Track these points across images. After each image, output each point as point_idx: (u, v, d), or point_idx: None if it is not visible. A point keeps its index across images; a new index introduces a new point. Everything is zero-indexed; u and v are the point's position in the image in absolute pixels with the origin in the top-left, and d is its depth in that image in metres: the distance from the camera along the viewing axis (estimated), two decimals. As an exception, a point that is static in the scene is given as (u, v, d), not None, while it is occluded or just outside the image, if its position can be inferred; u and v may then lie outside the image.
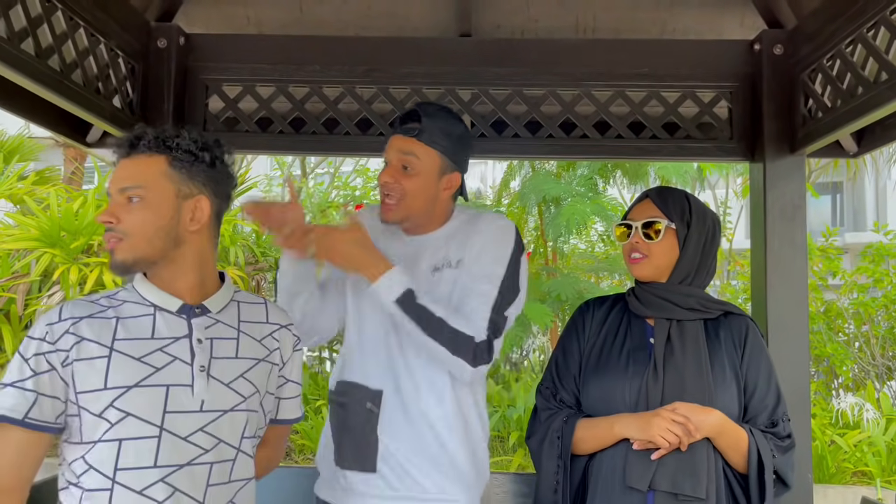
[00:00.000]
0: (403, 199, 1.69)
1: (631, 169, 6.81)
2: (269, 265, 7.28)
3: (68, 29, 1.88)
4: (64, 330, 1.30)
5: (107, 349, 1.30)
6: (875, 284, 7.59)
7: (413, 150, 1.69)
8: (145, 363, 1.31)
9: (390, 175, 1.69)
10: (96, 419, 1.27)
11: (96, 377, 1.28)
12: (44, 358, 1.28)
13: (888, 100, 1.79)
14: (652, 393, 1.70)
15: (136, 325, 1.34)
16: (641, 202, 1.83)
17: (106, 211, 1.36)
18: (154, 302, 1.37)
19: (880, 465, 5.60)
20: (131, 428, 1.28)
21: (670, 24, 2.55)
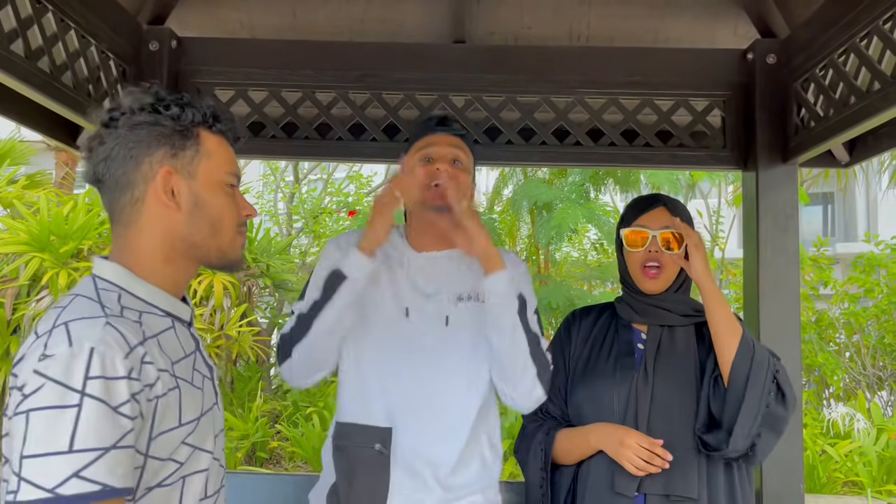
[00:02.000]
0: (456, 186, 1.63)
1: (622, 176, 6.83)
2: (261, 271, 7.25)
3: (59, 31, 1.86)
4: (140, 359, 1.01)
5: (173, 378, 1.08)
6: (866, 294, 7.62)
7: (461, 147, 1.70)
8: (196, 387, 1.14)
9: (447, 164, 1.65)
10: (161, 463, 1.04)
11: (172, 414, 1.05)
12: (136, 401, 0.98)
13: (881, 109, 1.79)
14: (641, 398, 1.70)
15: (168, 342, 1.11)
16: (654, 208, 1.79)
17: (250, 206, 1.24)
18: (169, 311, 1.15)
19: (871, 475, 5.61)
20: (194, 462, 1.11)
21: (664, 32, 2.55)
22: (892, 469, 5.69)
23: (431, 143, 1.69)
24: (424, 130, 1.73)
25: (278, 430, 6.83)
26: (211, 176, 1.15)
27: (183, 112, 1.13)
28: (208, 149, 1.15)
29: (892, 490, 5.59)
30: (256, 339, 6.96)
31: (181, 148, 1.13)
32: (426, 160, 1.67)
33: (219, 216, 1.16)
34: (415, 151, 1.70)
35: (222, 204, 1.16)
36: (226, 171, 1.17)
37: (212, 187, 1.15)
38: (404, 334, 1.65)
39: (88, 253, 5.99)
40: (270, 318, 8.22)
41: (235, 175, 1.20)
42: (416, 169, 1.67)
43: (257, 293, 7.57)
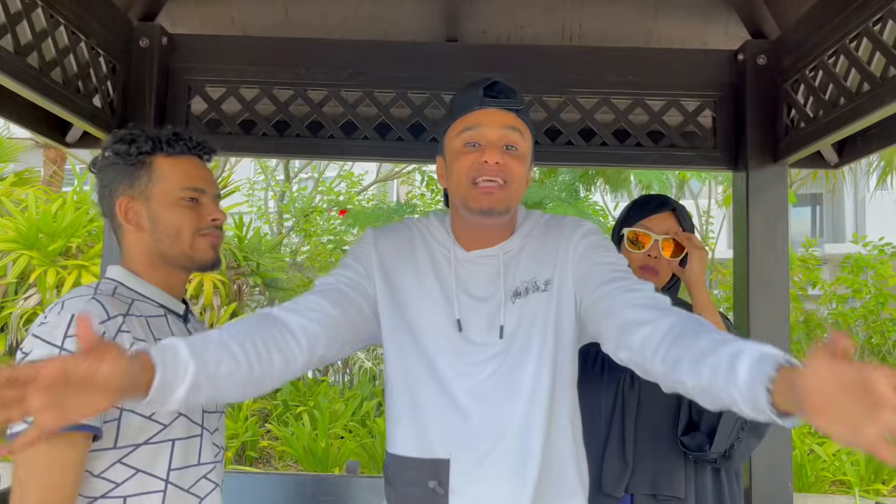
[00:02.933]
0: (510, 183, 1.33)
1: (612, 176, 6.85)
2: (251, 269, 7.22)
3: (48, 26, 1.85)
4: (118, 328, 1.24)
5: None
6: (854, 295, 7.68)
7: (518, 127, 1.36)
8: None
9: (497, 153, 1.31)
10: (144, 421, 1.25)
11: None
12: None
13: (870, 110, 1.80)
14: (628, 401, 1.71)
15: (158, 326, 1.33)
16: (662, 212, 1.77)
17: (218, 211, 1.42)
18: (162, 303, 1.38)
19: (859, 474, 5.65)
20: (182, 428, 1.30)
21: (656, 33, 2.56)
22: (879, 468, 5.73)
23: (477, 123, 1.35)
24: (469, 102, 1.37)
25: (268, 430, 6.82)
26: (166, 196, 1.36)
27: (131, 147, 1.36)
28: (161, 173, 1.37)
29: (879, 489, 5.63)
30: (246, 338, 6.93)
31: (136, 178, 1.37)
32: (471, 145, 1.34)
33: (175, 228, 1.36)
34: (456, 133, 1.37)
35: (178, 217, 1.36)
36: (181, 187, 1.37)
37: (167, 205, 1.36)
38: (457, 351, 1.36)
39: (77, 251, 5.95)
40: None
41: (194, 188, 1.38)
42: (459, 158, 1.35)
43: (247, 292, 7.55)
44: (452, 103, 1.43)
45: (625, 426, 1.69)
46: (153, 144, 1.38)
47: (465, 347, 1.36)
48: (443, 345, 1.37)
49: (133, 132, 1.40)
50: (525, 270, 1.41)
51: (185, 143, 1.41)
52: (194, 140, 1.43)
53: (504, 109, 1.36)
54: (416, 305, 1.40)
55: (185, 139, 1.41)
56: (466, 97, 1.38)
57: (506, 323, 1.37)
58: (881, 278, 7.57)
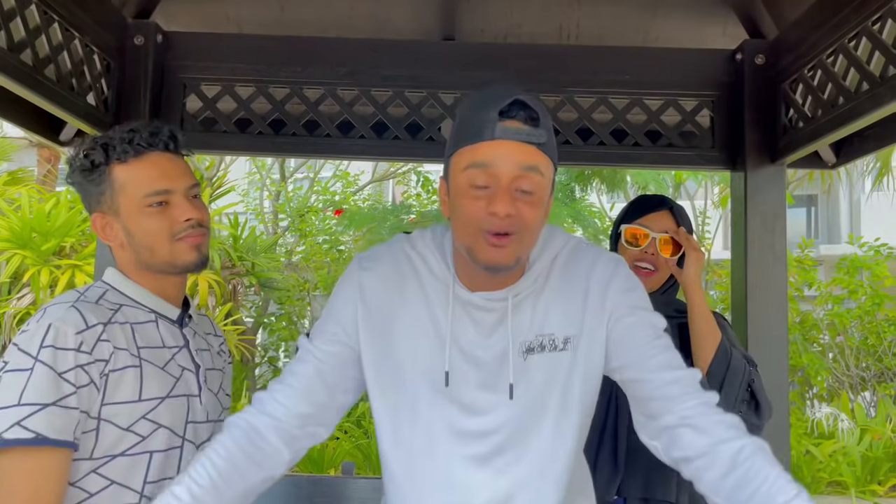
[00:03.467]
0: (522, 235, 1.11)
1: (608, 176, 6.85)
2: (246, 269, 7.20)
3: (42, 23, 1.83)
4: (97, 337, 1.20)
5: (136, 358, 1.24)
6: (850, 296, 7.69)
7: (536, 165, 1.11)
8: (168, 373, 1.29)
9: (510, 202, 1.08)
10: (122, 433, 1.21)
11: (129, 389, 1.22)
12: (83, 370, 1.17)
13: (869, 110, 1.79)
14: (621, 402, 1.70)
15: (147, 332, 1.29)
16: (660, 210, 1.79)
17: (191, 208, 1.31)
18: (154, 308, 1.33)
19: (855, 474, 5.65)
20: (161, 440, 1.25)
21: (653, 32, 2.55)
22: (875, 469, 5.74)
23: (490, 159, 1.09)
24: (481, 127, 1.10)
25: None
26: (130, 205, 1.28)
27: (85, 161, 1.28)
28: (120, 182, 1.28)
29: (875, 490, 5.64)
30: (241, 339, 6.91)
31: (100, 192, 1.29)
32: (481, 187, 1.10)
33: (147, 238, 1.29)
34: (464, 164, 1.12)
35: (147, 227, 1.28)
36: (143, 193, 1.28)
37: (134, 216, 1.28)
38: (443, 414, 1.18)
39: (70, 250, 5.92)
40: (255, 317, 8.17)
41: (157, 192, 1.28)
42: (464, 201, 1.12)
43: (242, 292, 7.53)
44: (461, 119, 1.16)
45: (618, 431, 1.69)
46: (106, 154, 1.28)
47: (453, 410, 1.18)
48: (427, 404, 1.19)
49: (87, 143, 1.30)
50: (541, 321, 1.20)
51: (139, 143, 1.28)
52: (146, 135, 1.29)
53: (523, 142, 1.09)
54: (402, 347, 1.21)
55: (136, 140, 1.28)
56: (478, 118, 1.11)
57: (515, 382, 1.17)
58: (877, 279, 7.59)
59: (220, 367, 1.47)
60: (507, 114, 1.09)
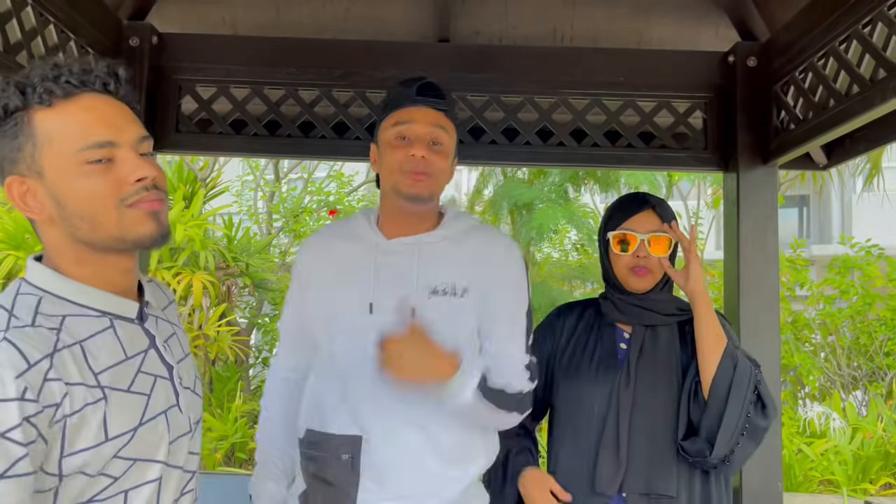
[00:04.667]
0: (433, 175, 1.49)
1: (602, 177, 6.86)
2: (241, 270, 7.19)
3: (38, 25, 1.83)
4: (42, 376, 0.90)
5: (97, 389, 0.96)
6: (841, 296, 7.73)
7: (443, 125, 1.51)
8: (137, 393, 1.02)
9: (424, 148, 1.47)
10: (91, 479, 0.95)
11: (94, 430, 0.95)
12: (29, 423, 0.87)
13: (859, 112, 1.82)
14: (623, 399, 1.71)
15: (102, 346, 1.00)
16: (642, 211, 1.77)
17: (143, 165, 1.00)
18: (105, 309, 1.03)
19: (846, 473, 5.69)
20: (136, 474, 1.01)
21: (647, 34, 2.57)
22: (867, 468, 5.78)
23: (409, 119, 1.50)
24: (403, 99, 1.52)
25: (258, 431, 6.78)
26: (58, 164, 0.96)
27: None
28: (45, 133, 0.96)
29: (867, 489, 5.68)
30: (235, 339, 6.90)
31: (16, 149, 0.97)
32: (401, 139, 1.50)
33: (86, 207, 0.97)
34: (390, 125, 1.52)
35: (85, 190, 0.97)
36: (78, 147, 0.96)
37: (65, 178, 0.97)
38: (369, 333, 1.47)
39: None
40: (250, 318, 8.16)
41: (98, 144, 0.97)
42: (390, 150, 1.50)
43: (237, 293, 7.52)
44: (387, 97, 1.58)
45: (619, 426, 1.69)
46: (24, 96, 0.96)
47: (375, 331, 1.45)
48: (356, 328, 1.50)
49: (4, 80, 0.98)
50: (445, 272, 1.53)
51: (68, 80, 0.98)
52: (80, 69, 1.00)
53: (433, 108, 1.51)
54: (334, 291, 1.55)
55: (66, 73, 0.98)
56: (401, 93, 1.53)
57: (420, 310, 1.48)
58: (868, 279, 7.63)
59: (187, 350, 1.21)
60: (422, 88, 1.52)
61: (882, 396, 7.12)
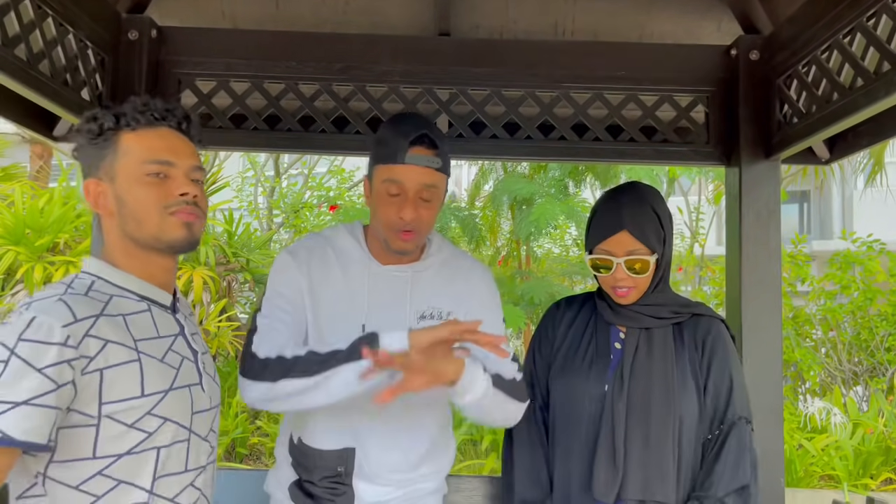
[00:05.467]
0: (421, 231, 1.59)
1: (602, 171, 6.85)
2: (241, 265, 7.18)
3: (36, 18, 1.82)
4: (85, 331, 1.13)
5: (134, 352, 1.19)
6: (842, 291, 7.72)
7: (434, 183, 1.58)
8: (168, 364, 1.24)
9: (414, 210, 1.54)
10: (127, 429, 1.16)
11: (131, 385, 1.16)
12: (68, 366, 1.09)
13: (863, 106, 1.80)
14: (617, 402, 1.69)
15: (141, 322, 1.24)
16: (616, 233, 1.70)
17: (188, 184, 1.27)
18: (146, 295, 1.28)
19: (847, 469, 5.69)
20: (168, 434, 1.21)
21: (648, 27, 2.56)
22: (868, 463, 5.78)
23: (401, 178, 1.54)
24: (396, 152, 1.54)
25: (258, 427, 6.79)
26: (128, 173, 1.25)
27: (94, 125, 1.26)
28: (124, 148, 1.25)
29: (868, 484, 5.68)
30: (236, 335, 6.90)
31: (101, 158, 1.26)
32: (393, 195, 1.55)
33: (138, 208, 1.24)
34: (382, 177, 1.57)
35: (141, 196, 1.24)
36: (142, 161, 1.24)
37: (129, 183, 1.24)
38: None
39: (64, 246, 5.90)
40: (250, 313, 8.16)
41: (159, 161, 1.25)
42: (382, 203, 1.57)
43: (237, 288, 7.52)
44: (381, 139, 1.60)
45: (615, 433, 1.67)
46: (117, 120, 1.25)
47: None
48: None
49: (99, 110, 1.28)
50: (433, 297, 1.65)
51: (152, 113, 1.27)
52: (161, 107, 1.29)
53: (425, 167, 1.54)
54: (326, 309, 1.60)
55: (151, 109, 1.28)
56: (394, 144, 1.55)
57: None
58: (869, 274, 7.62)
59: (207, 348, 1.44)
60: (415, 143, 1.54)
61: (883, 392, 7.11)
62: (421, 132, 1.54)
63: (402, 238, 1.57)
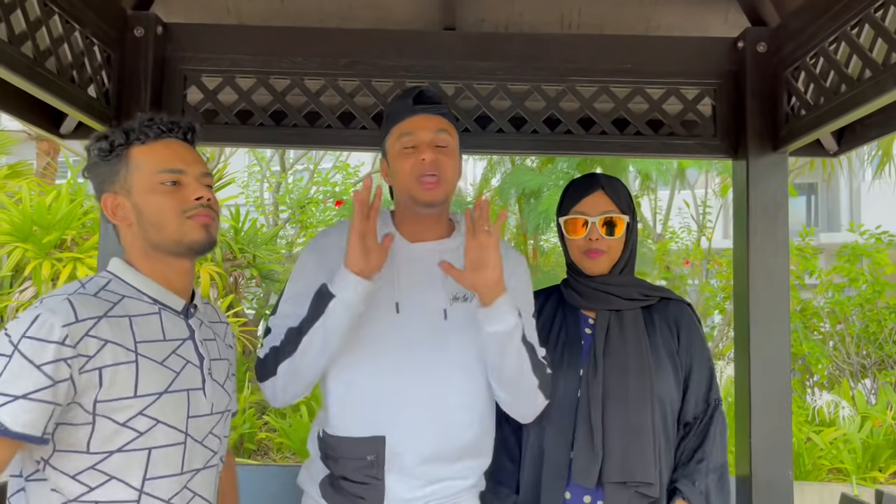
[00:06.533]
0: (444, 178, 1.57)
1: (610, 164, 6.83)
2: (248, 261, 7.20)
3: (42, 15, 1.82)
4: (85, 332, 1.19)
5: (132, 353, 1.23)
6: (850, 284, 7.69)
7: (445, 127, 1.60)
8: (167, 367, 1.28)
9: (431, 152, 1.55)
10: (119, 428, 1.21)
11: (125, 385, 1.21)
12: (65, 364, 1.15)
13: (872, 97, 1.79)
14: (592, 388, 1.69)
15: (147, 325, 1.28)
16: (592, 193, 1.76)
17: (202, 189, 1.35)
18: (157, 299, 1.33)
19: (856, 462, 5.67)
20: (160, 436, 1.25)
21: (654, 20, 2.55)
22: (876, 456, 5.76)
23: (411, 129, 1.58)
24: (402, 112, 1.61)
25: (266, 422, 6.82)
26: (143, 184, 1.32)
27: (105, 143, 1.33)
28: (137, 162, 1.33)
29: (876, 477, 5.66)
30: (243, 330, 6.92)
31: (115, 173, 1.33)
32: (408, 148, 1.58)
33: (157, 216, 1.31)
34: (394, 138, 1.61)
35: (157, 203, 1.31)
36: (156, 171, 1.32)
37: (145, 194, 1.32)
38: (396, 331, 1.55)
39: (72, 243, 5.92)
40: (257, 309, 8.18)
41: (170, 170, 1.32)
42: (400, 160, 1.58)
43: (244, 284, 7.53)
44: (387, 113, 1.67)
45: (591, 416, 1.68)
46: (127, 136, 1.33)
47: (403, 330, 1.54)
48: (382, 327, 1.55)
49: (108, 129, 1.37)
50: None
51: (159, 127, 1.35)
52: (167, 121, 1.36)
53: (432, 114, 1.59)
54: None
55: (158, 122, 1.35)
56: (399, 107, 1.62)
57: (448, 309, 1.58)
58: (878, 267, 7.58)
59: (226, 356, 1.46)
60: (419, 98, 1.60)
61: (891, 384, 7.08)
62: (420, 90, 1.63)
63: (425, 185, 1.54)
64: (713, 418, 1.73)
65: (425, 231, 1.64)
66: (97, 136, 1.35)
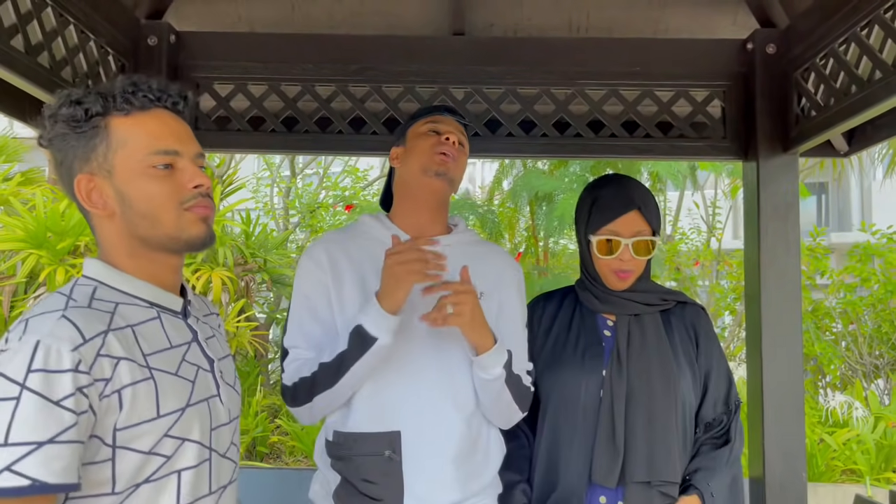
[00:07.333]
0: (457, 165, 1.66)
1: (624, 167, 6.82)
2: (259, 266, 7.23)
3: (58, 26, 1.85)
4: (96, 352, 0.99)
5: (146, 369, 1.05)
6: (862, 284, 7.64)
7: (465, 137, 1.73)
8: (183, 378, 1.10)
9: (455, 136, 1.67)
10: (144, 457, 1.03)
11: (146, 405, 1.03)
12: (82, 394, 0.96)
13: (882, 98, 1.79)
14: (616, 389, 1.69)
15: (151, 333, 1.09)
16: (628, 213, 1.73)
17: (200, 174, 1.13)
18: (154, 301, 1.13)
19: (869, 462, 5.64)
20: (189, 456, 1.08)
21: (663, 23, 2.55)
22: (890, 457, 5.72)
23: (440, 121, 1.70)
24: (433, 111, 1.75)
25: (278, 425, 6.84)
26: (129, 166, 1.08)
27: (76, 110, 1.07)
28: (121, 137, 1.08)
29: (890, 478, 5.63)
30: (255, 334, 6.95)
31: (90, 149, 1.08)
32: (434, 132, 1.68)
33: (149, 206, 1.09)
34: (422, 123, 1.70)
35: (150, 191, 1.08)
36: (147, 152, 1.08)
37: (133, 177, 1.08)
38: (404, 324, 1.52)
39: (85, 249, 5.97)
40: (268, 313, 8.22)
41: (165, 151, 1.09)
42: (423, 138, 1.66)
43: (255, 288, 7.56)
44: (415, 114, 1.76)
45: (615, 417, 1.67)
46: (104, 103, 1.08)
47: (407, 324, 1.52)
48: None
49: (80, 91, 1.09)
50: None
51: (146, 95, 1.11)
52: (155, 87, 1.12)
53: (457, 121, 1.72)
54: (366, 293, 1.56)
55: (144, 89, 1.11)
56: (430, 109, 1.75)
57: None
58: (890, 266, 7.53)
59: (228, 351, 1.31)
60: (444, 111, 1.74)
61: (905, 385, 7.03)
62: (447, 106, 1.81)
63: (442, 158, 1.62)
64: (733, 420, 1.75)
65: (425, 226, 1.66)
66: (67, 98, 1.09)
